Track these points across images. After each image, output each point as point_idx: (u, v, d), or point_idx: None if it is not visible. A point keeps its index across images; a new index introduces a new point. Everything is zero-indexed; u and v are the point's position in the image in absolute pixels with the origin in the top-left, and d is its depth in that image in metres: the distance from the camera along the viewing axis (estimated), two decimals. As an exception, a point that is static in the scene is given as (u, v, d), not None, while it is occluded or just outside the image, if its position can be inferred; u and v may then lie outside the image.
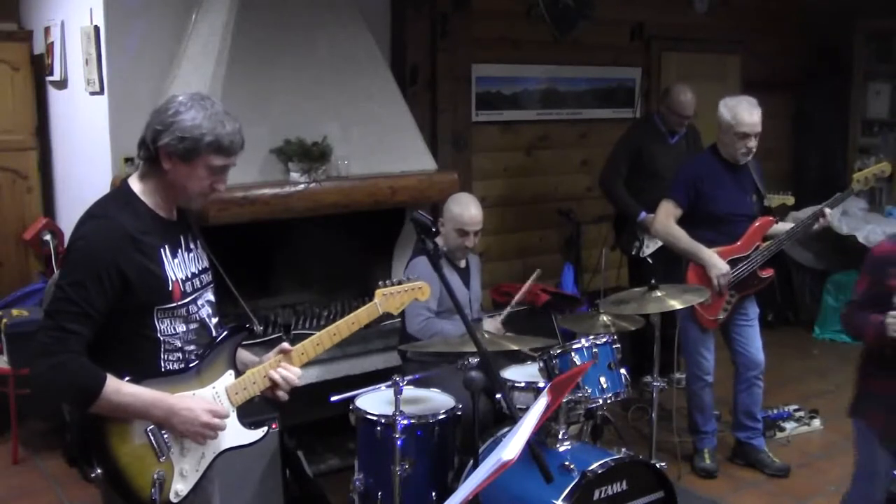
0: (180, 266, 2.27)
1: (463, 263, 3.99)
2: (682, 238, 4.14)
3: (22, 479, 4.28)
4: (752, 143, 4.07)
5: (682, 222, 4.17)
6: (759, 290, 4.25)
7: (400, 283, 2.66)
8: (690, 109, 5.13)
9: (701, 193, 4.12)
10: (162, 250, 2.23)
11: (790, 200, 4.69)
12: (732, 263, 4.12)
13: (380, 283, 2.64)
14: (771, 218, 4.23)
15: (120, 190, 2.28)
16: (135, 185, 2.26)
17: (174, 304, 2.23)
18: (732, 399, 4.38)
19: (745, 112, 4.01)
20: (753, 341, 4.29)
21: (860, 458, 3.12)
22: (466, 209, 3.87)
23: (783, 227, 4.24)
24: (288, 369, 2.39)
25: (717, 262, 4.09)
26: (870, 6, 7.05)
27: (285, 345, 2.43)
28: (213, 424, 2.24)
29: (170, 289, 2.21)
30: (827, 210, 4.12)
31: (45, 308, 2.15)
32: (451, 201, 3.96)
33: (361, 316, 2.53)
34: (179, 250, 2.29)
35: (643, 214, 5.10)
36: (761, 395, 4.37)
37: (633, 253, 5.26)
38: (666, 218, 4.18)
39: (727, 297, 4.16)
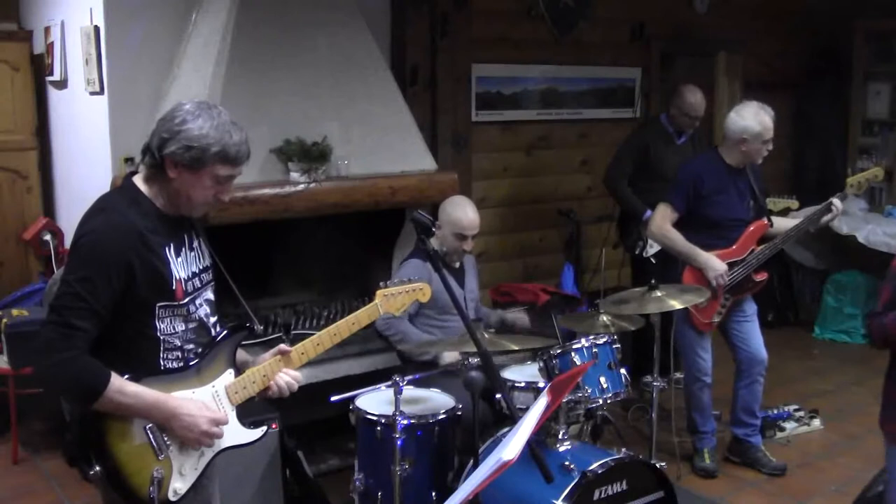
0: (183, 265, 2.28)
1: (457, 264, 3.99)
2: (678, 241, 4.14)
3: (22, 479, 4.29)
4: (771, 146, 4.12)
5: (678, 226, 4.16)
6: (754, 292, 4.26)
7: (401, 283, 2.66)
8: (701, 110, 5.16)
9: (700, 196, 4.11)
10: (167, 248, 2.23)
11: (794, 205, 4.68)
12: (728, 267, 4.11)
13: (381, 283, 2.64)
14: (765, 222, 4.23)
15: (126, 187, 2.28)
16: (140, 184, 2.26)
17: (176, 303, 2.23)
18: (732, 395, 4.38)
19: (768, 119, 4.06)
20: (754, 337, 4.29)
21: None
22: (465, 213, 3.87)
23: (784, 225, 4.25)
24: (288, 374, 2.39)
25: (713, 263, 4.09)
26: (870, 6, 7.05)
27: (283, 346, 2.43)
28: (212, 433, 2.25)
29: (173, 287, 2.22)
30: (837, 203, 4.16)
31: (51, 303, 2.14)
32: (448, 205, 3.96)
33: (362, 316, 2.53)
34: (183, 249, 2.30)
35: (648, 213, 5.10)
36: (762, 392, 4.38)
37: (637, 252, 5.27)
38: (662, 220, 4.18)
39: (721, 301, 4.16)
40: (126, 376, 2.14)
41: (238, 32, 4.14)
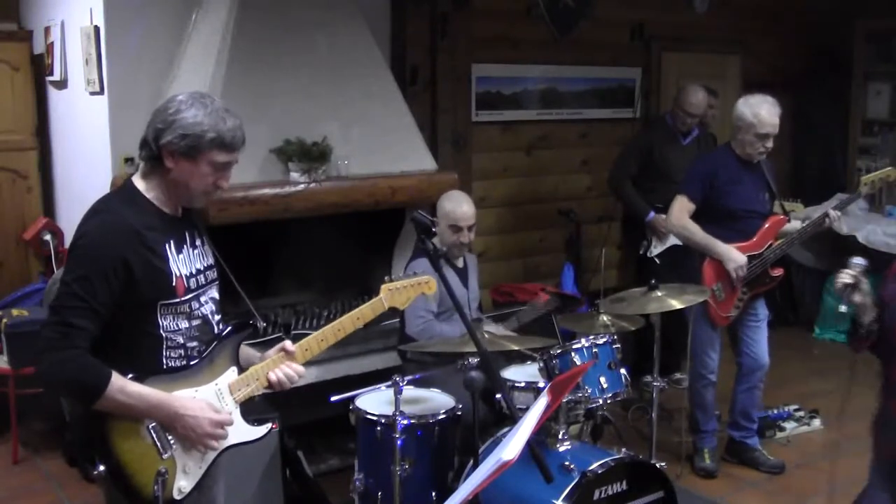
0: (185, 262, 2.28)
1: (461, 263, 3.99)
2: (697, 232, 4.13)
3: (22, 479, 4.28)
4: (770, 144, 4.09)
5: (695, 219, 4.15)
6: (770, 289, 4.25)
7: (406, 277, 2.66)
8: (699, 110, 5.17)
9: (715, 188, 4.10)
10: (167, 246, 2.23)
11: (799, 208, 4.68)
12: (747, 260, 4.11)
13: (385, 277, 2.63)
14: (783, 217, 4.22)
15: (124, 188, 2.29)
16: (138, 183, 2.27)
17: (178, 300, 2.23)
18: (731, 398, 4.38)
19: (766, 113, 4.02)
20: (760, 343, 4.28)
21: None
22: (458, 205, 3.88)
23: (794, 225, 4.25)
24: (290, 367, 2.39)
25: (733, 254, 4.07)
26: (870, 6, 7.05)
27: (288, 343, 2.43)
28: (215, 435, 2.25)
29: (174, 284, 2.22)
30: (833, 212, 4.15)
31: (51, 303, 2.16)
32: (444, 198, 3.97)
33: (366, 311, 2.52)
34: (185, 246, 2.30)
35: (651, 214, 5.12)
36: (760, 396, 4.38)
37: (641, 252, 5.27)
38: (680, 212, 4.16)
39: (739, 294, 4.16)
40: (129, 376, 2.14)
41: (238, 32, 4.14)
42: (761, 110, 4.02)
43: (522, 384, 3.43)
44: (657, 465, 3.30)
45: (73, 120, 4.96)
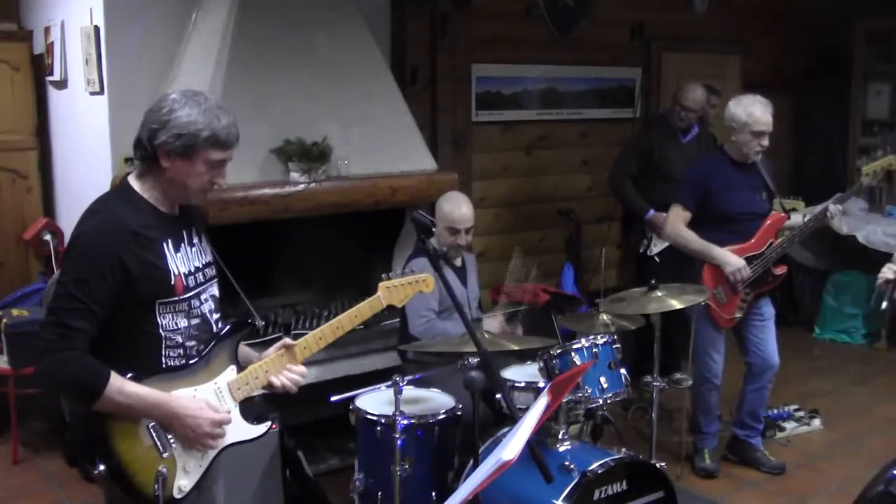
0: (183, 260, 2.28)
1: (459, 262, 3.99)
2: (693, 240, 4.12)
3: (22, 479, 4.28)
4: (766, 142, 4.08)
5: (694, 224, 4.15)
6: (774, 287, 4.24)
7: (404, 275, 2.66)
8: (696, 105, 5.18)
9: (710, 193, 4.10)
10: (164, 244, 2.23)
11: (801, 206, 4.69)
12: (747, 262, 4.10)
13: (383, 275, 2.64)
14: (783, 214, 4.21)
15: (120, 188, 2.29)
16: (134, 183, 2.27)
17: (176, 299, 2.23)
18: (739, 397, 4.37)
19: (760, 111, 4.01)
20: (769, 342, 4.27)
21: None
22: (457, 207, 3.88)
23: (796, 220, 4.25)
24: (293, 371, 2.39)
25: (730, 258, 4.07)
26: (870, 6, 7.05)
27: (287, 340, 2.43)
28: (214, 434, 2.25)
29: (172, 283, 2.22)
30: (833, 206, 4.15)
31: (48, 304, 2.16)
32: (442, 200, 3.97)
33: (364, 309, 2.53)
34: (182, 244, 2.30)
35: (651, 212, 5.12)
36: (768, 396, 4.38)
37: (641, 251, 5.27)
38: (675, 221, 4.16)
39: (742, 296, 4.15)
40: (129, 376, 2.15)
41: (238, 32, 4.14)
42: (754, 109, 4.02)
43: (522, 384, 3.43)
44: (657, 465, 3.29)
45: (73, 120, 4.96)
